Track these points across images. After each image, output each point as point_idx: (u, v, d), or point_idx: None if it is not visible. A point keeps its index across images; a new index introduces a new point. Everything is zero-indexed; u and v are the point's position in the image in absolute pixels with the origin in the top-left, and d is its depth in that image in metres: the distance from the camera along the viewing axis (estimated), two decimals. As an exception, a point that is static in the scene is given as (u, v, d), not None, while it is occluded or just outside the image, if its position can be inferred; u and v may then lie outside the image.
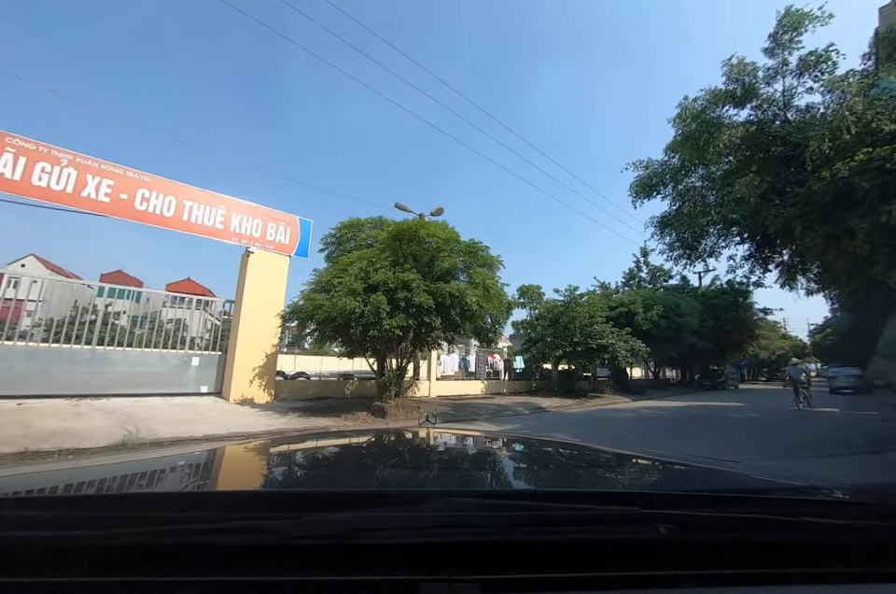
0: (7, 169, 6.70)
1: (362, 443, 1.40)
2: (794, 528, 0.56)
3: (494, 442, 1.52)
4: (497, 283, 8.75)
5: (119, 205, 7.61)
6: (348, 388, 11.60)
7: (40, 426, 5.46)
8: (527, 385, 17.12)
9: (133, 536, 0.48)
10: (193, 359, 9.22)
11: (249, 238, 9.10)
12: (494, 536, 0.52)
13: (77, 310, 12.96)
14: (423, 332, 7.64)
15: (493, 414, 9.54)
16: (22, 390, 7.31)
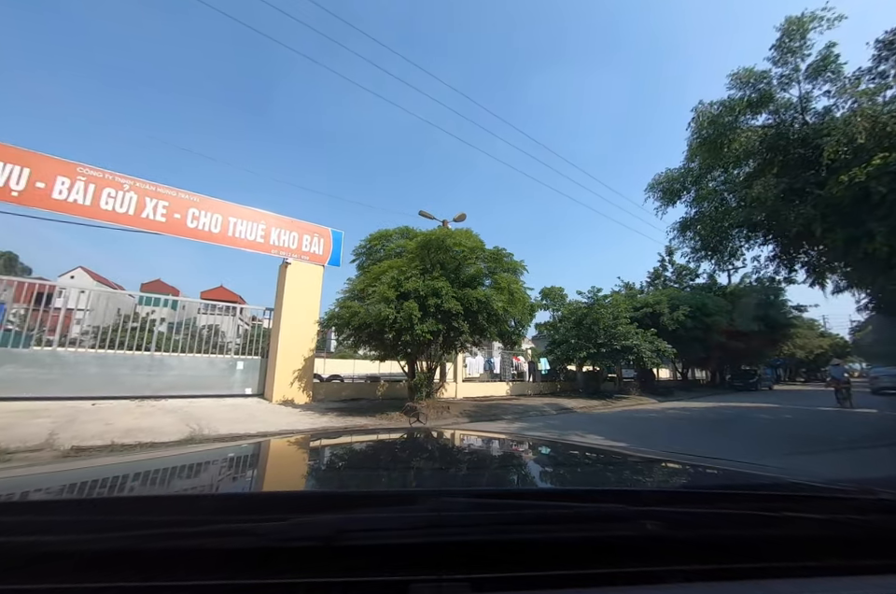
0: (79, 196, 7.57)
1: (351, 443, 1.38)
2: (775, 522, 0.58)
3: (484, 441, 1.51)
4: (522, 287, 9.09)
5: (173, 225, 8.41)
6: (379, 389, 12.14)
7: (118, 423, 6.16)
8: (552, 386, 17.26)
9: (115, 541, 0.47)
10: (238, 363, 9.95)
11: (287, 250, 9.80)
12: (484, 535, 0.52)
13: (122, 318, 14.07)
14: (451, 336, 8.05)
15: (519, 414, 9.82)
16: (95, 392, 8.17)
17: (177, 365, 9.20)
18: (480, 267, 8.61)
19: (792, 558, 0.54)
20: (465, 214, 14.68)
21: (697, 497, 0.70)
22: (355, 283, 8.49)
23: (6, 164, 7.01)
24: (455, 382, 13.60)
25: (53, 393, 7.81)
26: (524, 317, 9.44)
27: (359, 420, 7.83)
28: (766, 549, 0.54)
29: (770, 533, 0.56)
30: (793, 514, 0.59)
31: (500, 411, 10.12)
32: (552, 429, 7.17)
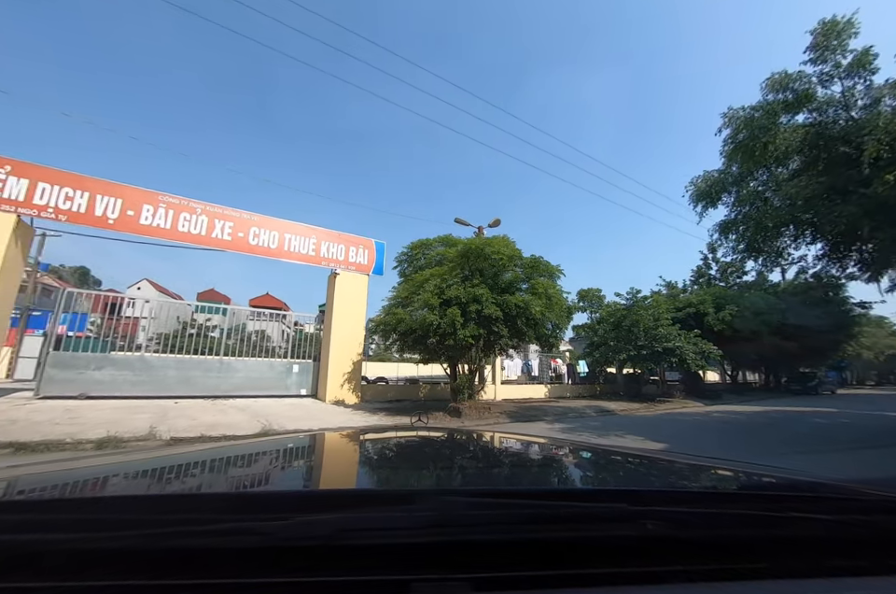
0: (161, 220, 8.68)
1: (354, 443, 1.39)
2: (777, 522, 0.58)
3: (485, 441, 1.52)
4: (559, 291, 9.30)
5: (237, 243, 9.40)
6: (421, 391, 12.69)
7: (201, 419, 7.02)
8: (591, 389, 17.14)
9: (118, 540, 0.48)
10: (294, 366, 10.83)
11: (335, 261, 10.61)
12: (485, 535, 0.52)
13: (181, 325, 15.52)
14: (492, 339, 8.43)
15: (559, 415, 10.00)
16: (175, 392, 9.24)
17: (242, 368, 10.18)
18: (517, 273, 8.95)
19: (794, 558, 0.54)
20: (499, 219, 14.95)
21: (698, 497, 0.71)
22: (399, 291, 9.07)
23: (103, 197, 8.21)
24: (493, 384, 13.90)
25: (142, 393, 8.93)
26: (561, 320, 9.65)
27: (407, 419, 8.37)
28: (768, 549, 0.54)
29: (772, 533, 0.56)
30: (795, 514, 0.59)
31: (540, 412, 10.33)
32: (591, 430, 7.35)
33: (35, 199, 7.62)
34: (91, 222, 8.08)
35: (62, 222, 7.93)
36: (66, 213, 7.86)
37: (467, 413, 8.94)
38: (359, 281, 10.95)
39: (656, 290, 27.30)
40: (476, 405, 9.34)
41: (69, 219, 7.91)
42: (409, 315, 8.08)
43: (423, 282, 8.34)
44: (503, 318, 7.94)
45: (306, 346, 11.52)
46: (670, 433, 7.26)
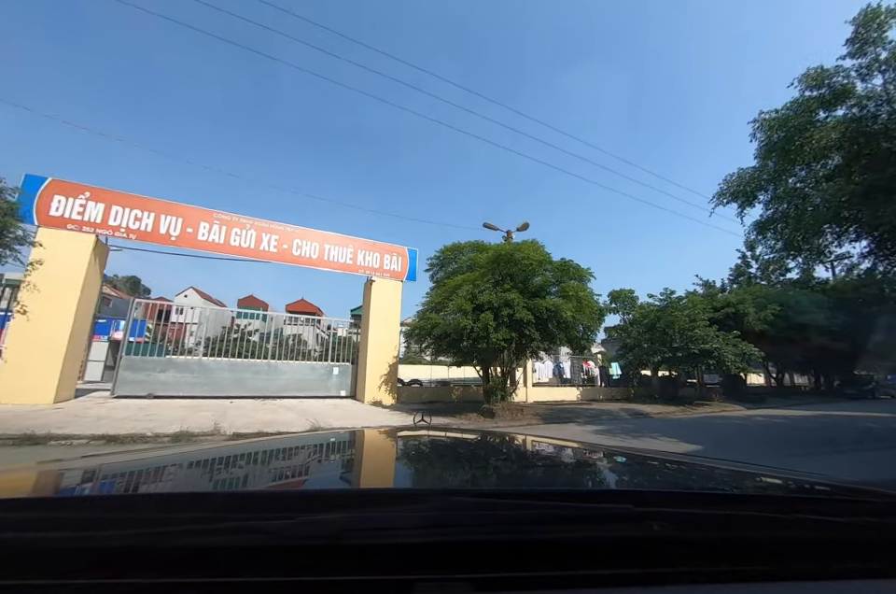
0: (216, 236, 9.51)
1: (357, 442, 1.40)
2: (786, 524, 0.57)
3: (489, 441, 1.51)
4: (589, 294, 9.37)
5: (283, 254, 10.13)
6: (454, 393, 13.03)
7: (256, 416, 7.66)
8: (625, 392, 16.90)
9: (120, 538, 0.48)
10: (334, 369, 11.46)
11: (371, 269, 11.18)
12: (489, 535, 0.52)
13: (224, 330, 16.58)
14: (523, 343, 8.66)
15: (592, 417, 10.05)
16: (229, 392, 10.04)
17: (287, 371, 10.90)
18: (547, 277, 9.13)
19: (802, 560, 0.53)
20: (528, 223, 15.08)
21: (704, 498, 0.71)
22: (432, 296, 9.46)
23: (166, 216, 9.12)
24: (524, 386, 14.04)
25: (201, 393, 9.78)
26: (592, 322, 9.72)
27: (443, 420, 8.69)
28: (775, 551, 0.54)
29: (779, 535, 0.56)
30: (803, 515, 0.59)
31: (572, 414, 10.42)
32: (625, 432, 7.43)
33: (109, 220, 8.60)
34: (156, 240, 9.01)
35: (132, 240, 8.89)
36: (136, 232, 8.81)
37: (500, 414, 9.20)
38: (394, 287, 11.47)
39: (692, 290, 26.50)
40: (509, 407, 9.58)
41: (138, 238, 8.85)
42: (442, 319, 8.45)
43: (456, 287, 8.69)
44: (534, 322, 8.15)
45: (340, 349, 12.16)
46: (705, 436, 7.21)
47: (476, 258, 9.62)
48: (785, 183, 8.84)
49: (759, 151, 8.49)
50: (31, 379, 7.70)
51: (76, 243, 8.27)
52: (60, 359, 7.95)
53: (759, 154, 8.54)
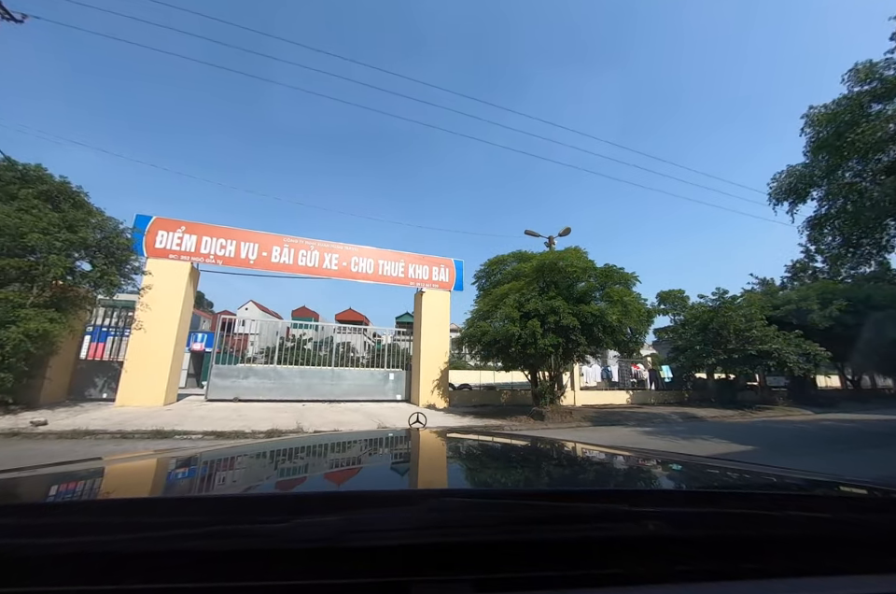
0: (286, 258, 10.77)
1: (352, 444, 1.40)
2: (780, 522, 0.58)
3: (487, 442, 1.51)
4: (635, 298, 9.49)
5: (342, 271, 11.23)
6: (503, 396, 13.50)
7: (328, 417, 8.62)
8: (678, 395, 16.47)
9: (119, 543, 0.48)
10: (390, 374, 12.36)
11: (421, 281, 12.03)
12: (486, 536, 0.52)
13: (281, 340, 18.06)
14: (570, 347, 9.01)
15: (641, 420, 10.11)
16: (301, 396, 11.19)
17: (349, 377, 11.93)
18: (591, 282, 9.41)
19: (796, 557, 0.54)
20: (569, 228, 15.18)
21: (700, 497, 0.71)
22: (480, 305, 10.06)
23: (245, 243, 10.49)
24: (572, 390, 14.19)
25: (277, 397, 10.99)
26: (639, 326, 9.83)
27: (494, 421, 9.22)
28: (771, 549, 0.54)
29: (773, 533, 0.56)
30: (796, 513, 0.60)
31: (622, 417, 10.54)
32: (676, 434, 7.57)
33: (201, 249, 10.07)
34: (238, 264, 10.39)
35: (218, 265, 10.31)
36: (222, 258, 10.24)
37: (549, 417, 9.56)
38: (442, 297, 12.24)
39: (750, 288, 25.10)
40: (558, 410, 9.90)
41: (223, 263, 10.27)
42: (491, 326, 9.03)
43: (502, 296, 9.24)
44: (580, 327, 8.51)
45: (386, 355, 13.03)
46: (758, 439, 7.17)
47: (520, 267, 10.10)
48: (839, 178, 8.62)
49: (808, 147, 8.36)
50: (145, 385, 9.18)
51: (175, 270, 9.77)
52: (167, 368, 9.41)
53: (808, 150, 8.41)
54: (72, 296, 8.18)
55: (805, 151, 8.43)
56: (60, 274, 7.53)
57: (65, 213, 8.20)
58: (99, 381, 9.84)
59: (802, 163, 9.16)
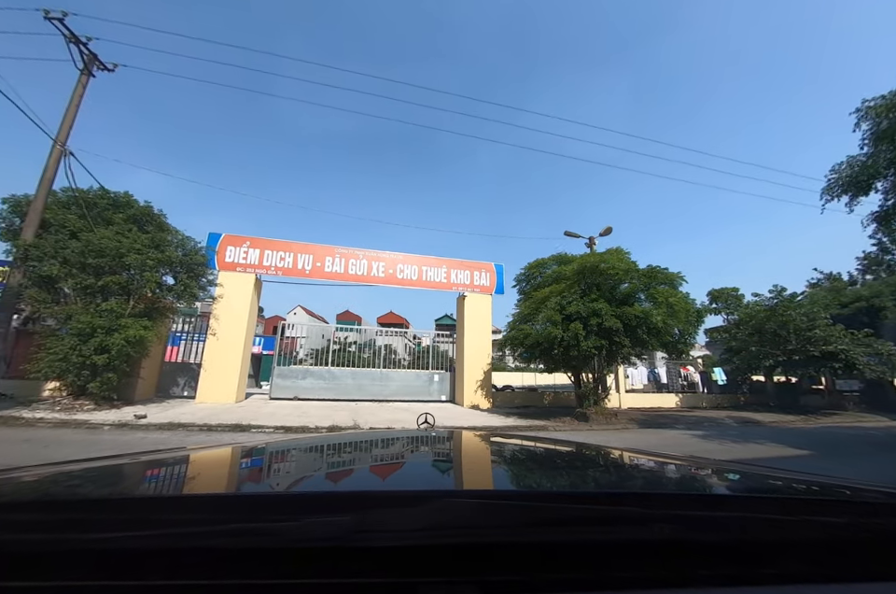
0: (337, 267, 11.59)
1: (360, 444, 1.40)
2: (796, 526, 0.57)
3: (495, 442, 1.51)
4: (682, 298, 9.28)
5: (389, 278, 11.91)
6: (545, 398, 13.59)
7: (380, 415, 9.22)
8: (733, 399, 15.70)
9: (128, 540, 0.48)
10: (435, 376, 12.87)
11: (463, 285, 12.47)
12: (494, 537, 0.52)
13: (327, 342, 19.00)
14: (613, 349, 9.04)
15: (692, 424, 9.87)
16: (353, 396, 11.94)
17: (396, 378, 12.57)
18: (635, 284, 9.35)
19: (812, 563, 0.53)
20: (611, 227, 14.94)
21: (711, 500, 0.70)
22: (522, 308, 10.29)
23: (301, 254, 11.44)
24: (617, 392, 13.99)
25: (331, 396, 11.81)
26: (687, 326, 9.64)
27: (538, 422, 9.41)
28: (784, 554, 0.53)
29: (788, 538, 0.55)
30: (814, 518, 0.59)
31: (670, 421, 10.36)
32: (728, 438, 7.43)
33: (263, 262, 11.11)
34: (295, 274, 11.35)
35: (279, 276, 11.32)
36: (281, 269, 11.23)
37: (594, 418, 9.60)
38: (483, 301, 12.59)
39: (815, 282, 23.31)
40: (602, 412, 9.91)
41: (283, 273, 11.27)
42: (533, 329, 9.26)
43: (544, 299, 9.42)
44: (623, 329, 8.53)
45: (426, 357, 13.55)
46: (818, 443, 6.88)
47: (561, 270, 10.21)
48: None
49: (867, 139, 7.92)
50: (220, 385, 10.26)
51: (242, 281, 10.85)
52: (237, 369, 10.46)
53: (868, 142, 7.96)
54: (160, 306, 9.36)
55: (863, 144, 7.97)
56: (152, 288, 8.68)
57: (153, 235, 9.42)
58: (180, 380, 11.09)
59: (862, 154, 8.65)
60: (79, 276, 8.34)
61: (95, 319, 7.99)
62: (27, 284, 8.72)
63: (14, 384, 9.11)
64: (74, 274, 8.35)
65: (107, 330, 8.06)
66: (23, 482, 0.82)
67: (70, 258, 8.34)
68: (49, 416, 7.21)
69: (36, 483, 0.82)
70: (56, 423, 6.86)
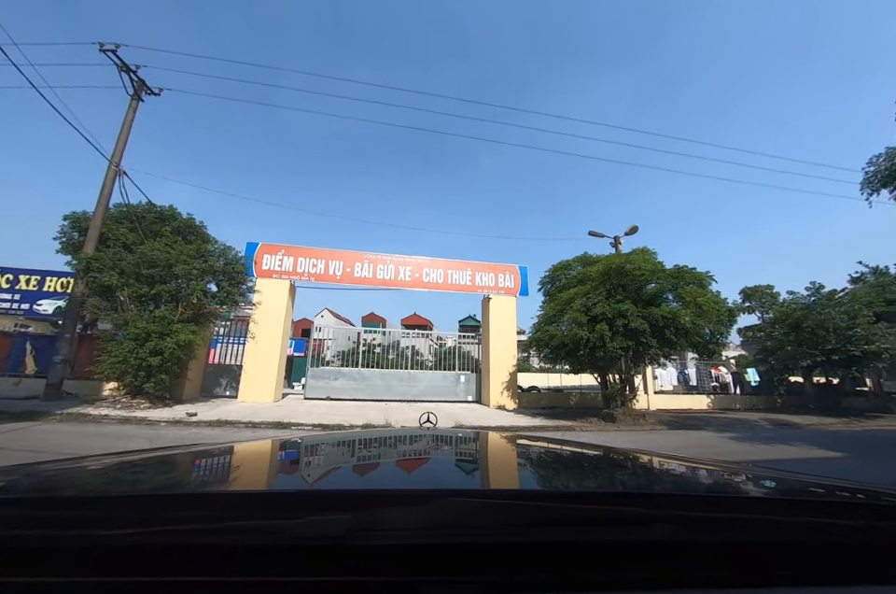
0: (366, 272, 12.06)
1: (364, 443, 1.40)
2: (799, 528, 0.57)
3: (498, 441, 1.51)
4: (712, 298, 9.13)
5: (415, 282, 12.28)
6: (571, 399, 13.61)
7: (409, 415, 9.52)
8: (769, 401, 15.19)
9: (131, 537, 0.49)
10: (461, 377, 13.13)
11: (487, 288, 12.70)
12: (495, 537, 0.52)
13: (353, 344, 19.57)
14: (640, 350, 9.04)
15: (723, 426, 9.70)
16: (382, 396, 12.35)
17: (423, 379, 12.90)
18: (662, 284, 9.30)
19: (816, 565, 0.53)
20: (636, 226, 14.71)
21: (714, 500, 0.70)
22: (546, 309, 10.41)
23: (332, 260, 11.97)
24: (645, 394, 13.82)
25: (362, 396, 12.26)
26: (718, 327, 9.51)
27: (565, 422, 9.48)
28: (787, 556, 0.53)
29: (792, 539, 0.55)
30: (818, 519, 0.59)
31: (701, 422, 10.21)
32: (761, 440, 7.33)
33: (297, 268, 11.71)
34: (326, 279, 11.89)
35: (311, 281, 11.89)
36: (313, 275, 11.80)
37: (621, 419, 9.60)
38: (508, 303, 12.78)
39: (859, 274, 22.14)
40: (630, 413, 9.90)
41: (315, 279, 11.83)
42: (558, 331, 9.38)
43: (568, 301, 9.53)
44: (650, 330, 8.54)
45: (450, 358, 13.81)
46: (854, 447, 6.61)
47: (585, 271, 10.27)
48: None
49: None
50: (260, 385, 10.88)
51: (278, 287, 11.47)
52: (275, 370, 11.05)
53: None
54: (205, 312, 10.05)
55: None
56: (198, 295, 9.35)
57: (198, 245, 10.13)
58: (222, 381, 11.82)
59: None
60: (135, 286, 9.09)
61: (150, 325, 8.69)
62: (88, 293, 9.57)
63: (78, 384, 10.01)
64: (130, 283, 9.11)
65: (160, 334, 8.75)
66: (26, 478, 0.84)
67: (126, 269, 9.11)
68: (113, 413, 7.92)
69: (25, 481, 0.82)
70: (119, 420, 7.53)
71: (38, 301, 11.38)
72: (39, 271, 11.52)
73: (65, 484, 0.81)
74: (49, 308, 11.40)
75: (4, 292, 11.25)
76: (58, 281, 11.49)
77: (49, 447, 4.95)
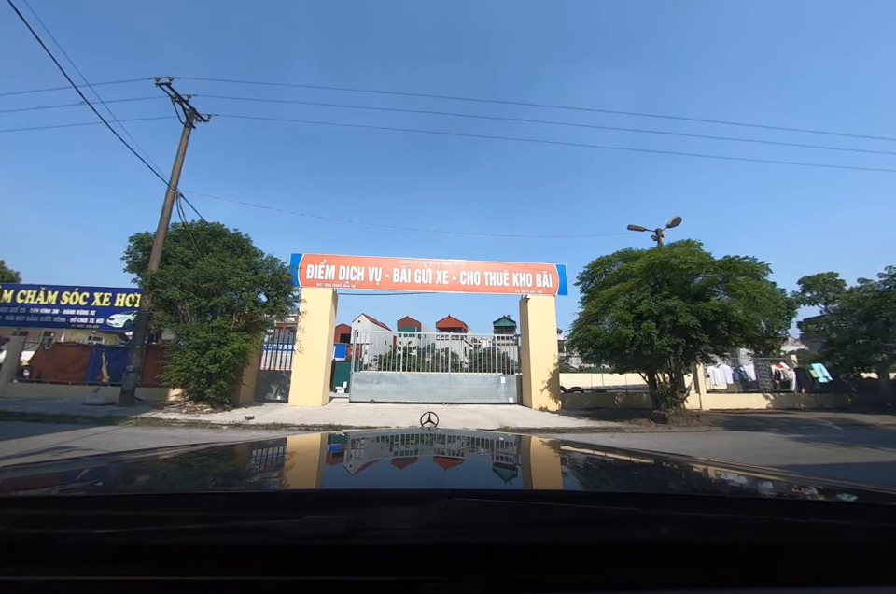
0: (404, 277, 12.35)
1: (365, 442, 1.41)
2: (797, 529, 0.57)
3: (500, 442, 1.52)
4: (767, 290, 8.58)
5: (453, 285, 12.43)
6: (617, 399, 13.20)
7: (453, 417, 9.61)
8: (838, 399, 13.99)
9: (131, 536, 0.49)
10: (501, 378, 13.08)
11: (525, 288, 12.62)
12: (497, 537, 0.52)
13: (389, 348, 19.86)
14: (691, 347, 8.63)
15: (786, 427, 9.04)
16: (423, 399, 12.53)
17: (464, 381, 12.97)
18: (711, 277, 8.83)
19: (814, 565, 0.53)
20: (680, 218, 13.99)
21: (715, 501, 0.71)
22: (588, 308, 10.15)
23: (371, 267, 12.35)
24: (697, 393, 13.17)
25: (403, 399, 12.50)
26: (775, 319, 8.94)
27: (612, 424, 9.19)
28: (786, 556, 0.53)
29: (791, 540, 0.55)
30: (817, 520, 0.59)
31: (761, 423, 9.59)
32: (832, 442, 6.80)
33: (339, 277, 12.17)
34: (367, 286, 12.28)
35: (352, 288, 12.32)
36: (354, 283, 12.22)
37: (673, 420, 9.20)
38: (547, 302, 12.62)
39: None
40: (682, 413, 9.46)
41: (356, 286, 12.25)
42: (601, 329, 9.15)
43: (611, 298, 9.26)
44: (701, 326, 8.15)
45: (486, 359, 13.76)
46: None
47: (627, 267, 9.90)
48: None
49: None
50: (308, 390, 11.36)
51: (322, 296, 11.96)
52: (321, 375, 11.51)
53: None
54: (256, 322, 10.66)
55: None
56: (250, 305, 9.94)
57: (248, 259, 10.79)
58: (273, 386, 12.44)
59: None
60: (195, 299, 9.80)
61: (209, 335, 9.34)
62: (154, 307, 10.42)
63: (147, 391, 10.90)
64: (191, 297, 9.83)
65: (218, 343, 9.38)
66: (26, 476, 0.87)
67: (186, 283, 9.84)
68: (180, 417, 8.56)
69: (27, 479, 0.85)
70: (186, 423, 8.13)
71: (111, 315, 12.50)
72: (111, 288, 12.67)
73: (60, 482, 0.83)
74: (120, 322, 12.49)
75: (82, 309, 12.45)
76: (127, 297, 12.58)
77: (132, 449, 5.44)
